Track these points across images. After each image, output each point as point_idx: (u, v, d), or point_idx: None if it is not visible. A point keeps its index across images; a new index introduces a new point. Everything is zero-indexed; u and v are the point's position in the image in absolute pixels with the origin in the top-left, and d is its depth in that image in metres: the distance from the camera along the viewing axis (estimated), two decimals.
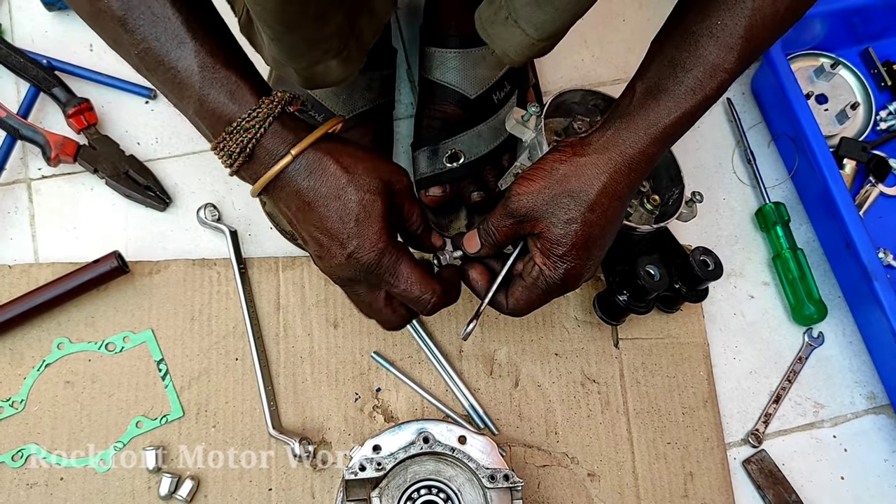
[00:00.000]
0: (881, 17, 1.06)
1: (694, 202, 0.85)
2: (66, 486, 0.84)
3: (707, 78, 0.63)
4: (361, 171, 0.66)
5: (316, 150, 0.65)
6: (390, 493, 0.76)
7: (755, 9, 0.61)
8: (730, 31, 0.62)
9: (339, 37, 0.64)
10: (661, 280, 0.84)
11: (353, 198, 0.65)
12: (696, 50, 0.63)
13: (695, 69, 0.63)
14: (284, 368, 0.90)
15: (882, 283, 0.89)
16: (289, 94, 0.65)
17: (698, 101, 0.64)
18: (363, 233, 0.65)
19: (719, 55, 0.63)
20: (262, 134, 0.64)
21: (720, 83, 0.64)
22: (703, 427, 0.92)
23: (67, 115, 0.95)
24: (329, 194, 0.65)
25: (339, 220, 0.65)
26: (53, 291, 0.87)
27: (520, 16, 0.64)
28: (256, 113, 0.63)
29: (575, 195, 0.66)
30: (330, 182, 0.65)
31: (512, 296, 0.72)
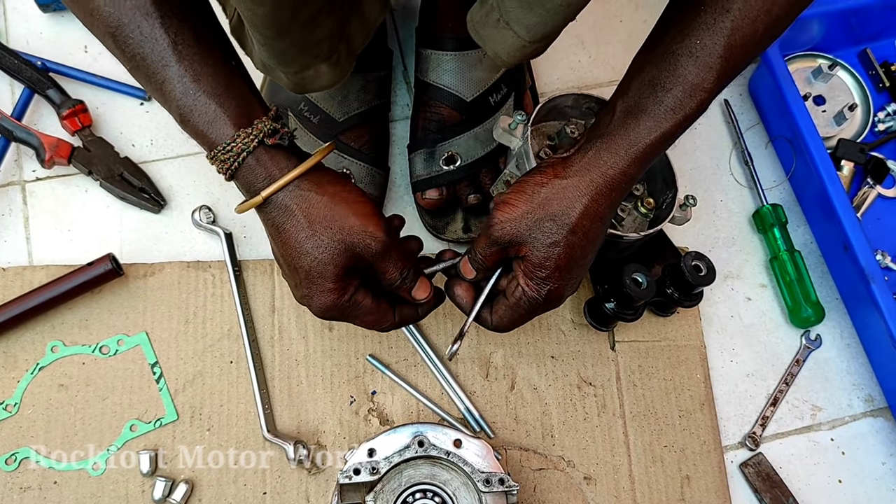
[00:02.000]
0: (879, 17, 1.05)
1: (688, 206, 0.85)
2: (59, 489, 0.84)
3: (687, 97, 0.63)
4: (325, 230, 0.66)
5: (287, 195, 0.66)
6: (385, 497, 0.76)
7: (734, 28, 0.61)
8: (709, 51, 0.62)
9: (329, 41, 0.64)
10: (648, 288, 0.83)
11: (310, 255, 0.67)
12: (675, 69, 0.63)
13: (674, 89, 0.63)
14: (279, 371, 0.89)
15: (880, 286, 0.89)
16: (269, 126, 0.65)
17: (678, 120, 0.64)
18: (313, 287, 0.68)
19: (699, 75, 0.62)
20: (237, 167, 0.65)
21: (700, 102, 0.63)
22: (700, 430, 0.91)
23: (62, 117, 0.94)
24: (290, 241, 0.67)
25: (294, 269, 0.68)
26: (47, 294, 0.87)
27: (511, 18, 0.64)
28: (230, 147, 0.64)
29: (556, 219, 0.66)
30: (292, 233, 0.67)
31: (496, 313, 0.73)
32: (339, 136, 0.91)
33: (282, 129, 0.66)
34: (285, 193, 0.66)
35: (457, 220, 0.95)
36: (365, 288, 0.70)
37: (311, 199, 0.66)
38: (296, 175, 0.65)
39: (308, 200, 0.66)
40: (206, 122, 0.64)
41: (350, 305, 0.69)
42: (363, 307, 0.70)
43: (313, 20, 0.60)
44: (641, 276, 0.84)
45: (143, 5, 0.62)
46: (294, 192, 0.66)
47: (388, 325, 0.74)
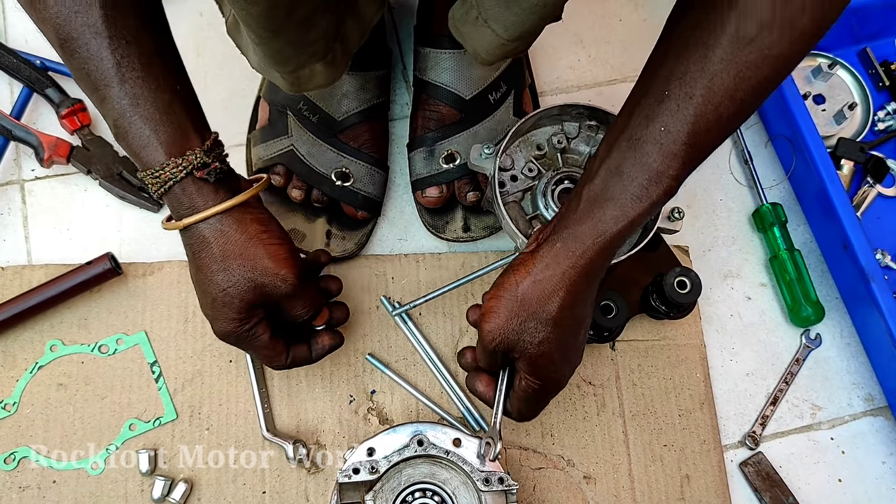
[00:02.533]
0: (879, 17, 1.05)
1: (675, 219, 0.85)
2: (58, 488, 0.84)
3: (652, 185, 0.62)
4: (236, 266, 0.69)
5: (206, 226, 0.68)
6: (384, 497, 0.76)
7: (697, 115, 0.60)
8: (673, 138, 0.61)
9: (324, 40, 0.64)
10: (617, 315, 0.83)
11: (217, 285, 0.69)
12: (640, 157, 0.62)
13: (639, 176, 0.62)
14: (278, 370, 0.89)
15: (880, 285, 0.89)
16: (199, 159, 0.66)
17: (644, 207, 0.63)
18: (217, 313, 0.71)
19: (664, 162, 0.61)
20: (162, 194, 0.66)
21: (666, 189, 0.63)
22: (700, 429, 0.91)
23: (61, 116, 0.94)
24: (202, 269, 0.69)
25: (203, 293, 0.71)
26: (46, 293, 0.87)
27: (489, 16, 0.64)
28: (159, 174, 0.65)
29: (538, 317, 0.66)
30: (205, 261, 0.69)
31: (512, 406, 0.74)
32: (337, 134, 0.91)
33: (212, 164, 0.66)
34: (206, 225, 0.67)
35: (456, 220, 0.94)
36: (266, 322, 0.73)
37: (229, 235, 0.68)
38: (215, 212, 0.67)
39: (226, 236, 0.68)
40: (139, 145, 0.65)
41: (248, 336, 0.72)
42: (260, 340, 0.73)
43: (308, 19, 0.60)
44: (613, 302, 0.84)
45: (93, 24, 0.61)
46: (214, 226, 0.68)
47: (279, 364, 0.76)
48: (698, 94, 0.59)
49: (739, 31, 0.56)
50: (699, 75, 0.58)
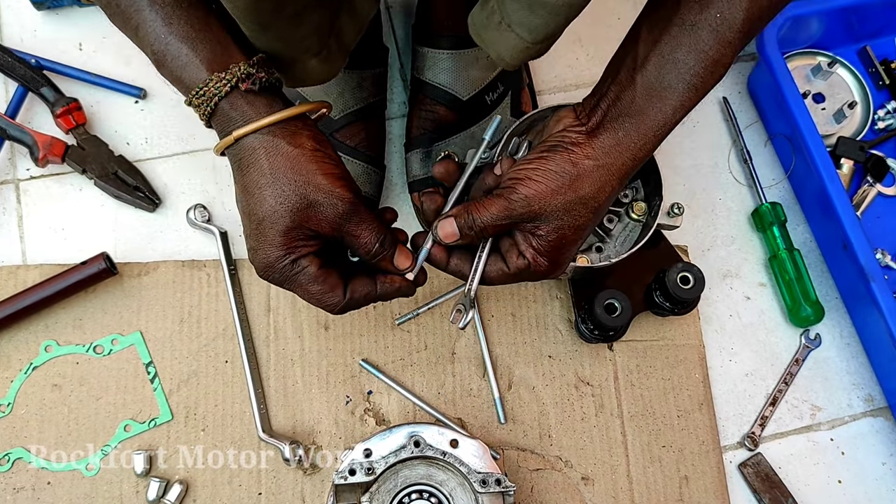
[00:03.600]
0: (879, 15, 1.05)
1: (674, 214, 0.84)
2: (53, 490, 0.83)
3: (708, 74, 0.62)
4: (286, 180, 0.63)
5: (257, 138, 0.63)
6: (381, 498, 0.75)
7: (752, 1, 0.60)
8: (728, 25, 0.61)
9: (317, 36, 0.63)
10: (622, 314, 0.83)
11: (264, 203, 0.63)
12: (696, 44, 0.62)
13: (696, 66, 0.62)
14: (275, 371, 0.89)
15: (880, 284, 0.88)
16: (243, 70, 0.62)
17: (699, 96, 0.64)
18: (261, 238, 0.64)
19: (719, 50, 0.61)
20: (210, 112, 0.62)
21: (718, 78, 0.63)
22: (699, 430, 0.91)
23: (56, 115, 0.94)
24: (249, 187, 0.64)
25: (248, 216, 0.64)
26: (41, 293, 0.86)
27: (513, 20, 0.63)
28: (203, 91, 0.62)
29: (587, 202, 0.65)
30: (253, 177, 0.63)
31: (488, 274, 0.70)
32: (334, 133, 0.90)
33: (257, 74, 0.62)
34: (256, 137, 0.63)
35: None
36: (315, 256, 0.66)
37: (281, 148, 0.63)
38: (270, 122, 0.63)
39: (277, 149, 0.63)
40: (179, 66, 0.62)
41: (294, 269, 0.65)
42: (307, 273, 0.65)
43: (298, 15, 0.59)
44: (617, 300, 0.83)
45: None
46: (265, 138, 0.63)
47: (335, 302, 0.67)
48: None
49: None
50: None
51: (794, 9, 0.97)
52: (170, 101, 0.99)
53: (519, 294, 0.94)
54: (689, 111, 0.64)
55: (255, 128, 0.62)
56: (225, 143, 0.63)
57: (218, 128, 0.64)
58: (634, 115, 0.64)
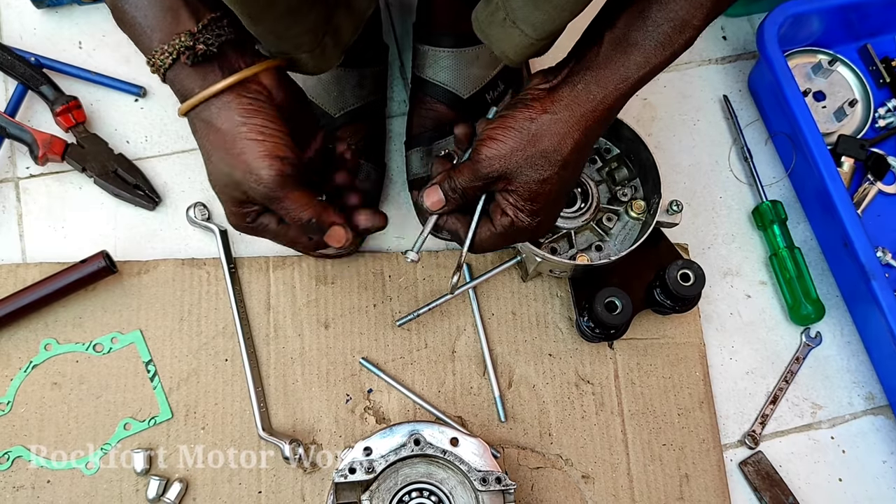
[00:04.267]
0: (879, 13, 1.04)
1: (674, 212, 0.84)
2: (52, 488, 0.83)
3: (676, 33, 0.63)
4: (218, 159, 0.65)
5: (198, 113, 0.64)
6: (381, 496, 0.75)
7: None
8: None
9: (311, 34, 0.63)
10: (622, 312, 0.83)
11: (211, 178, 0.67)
12: (666, 4, 0.62)
13: (665, 24, 0.62)
14: (275, 369, 0.89)
15: (880, 283, 0.88)
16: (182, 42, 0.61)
17: (666, 56, 0.64)
18: (223, 202, 0.68)
19: (689, 11, 0.62)
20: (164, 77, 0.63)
21: (688, 39, 0.63)
22: (699, 428, 0.91)
23: (55, 113, 0.94)
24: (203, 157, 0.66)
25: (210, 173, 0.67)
26: (41, 291, 0.86)
27: (517, 17, 0.63)
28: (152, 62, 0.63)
29: (549, 155, 0.66)
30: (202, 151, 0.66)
31: (479, 236, 0.73)
32: (334, 131, 0.90)
33: (197, 47, 0.61)
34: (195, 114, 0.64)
35: None
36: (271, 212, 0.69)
37: (213, 125, 0.64)
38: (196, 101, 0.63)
39: (210, 126, 0.64)
40: (135, 35, 0.63)
41: (256, 226, 0.70)
42: (270, 229, 0.71)
43: (291, 13, 0.59)
44: (617, 298, 0.83)
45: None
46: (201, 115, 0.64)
47: (305, 245, 0.73)
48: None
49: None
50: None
51: (794, 7, 0.97)
52: (170, 99, 0.99)
53: (519, 292, 0.93)
54: (655, 71, 0.64)
55: (189, 105, 0.64)
56: (185, 108, 0.65)
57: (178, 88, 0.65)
58: (595, 69, 0.65)
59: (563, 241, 0.87)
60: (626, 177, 0.90)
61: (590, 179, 0.87)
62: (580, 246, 0.87)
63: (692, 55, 1.08)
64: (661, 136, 1.04)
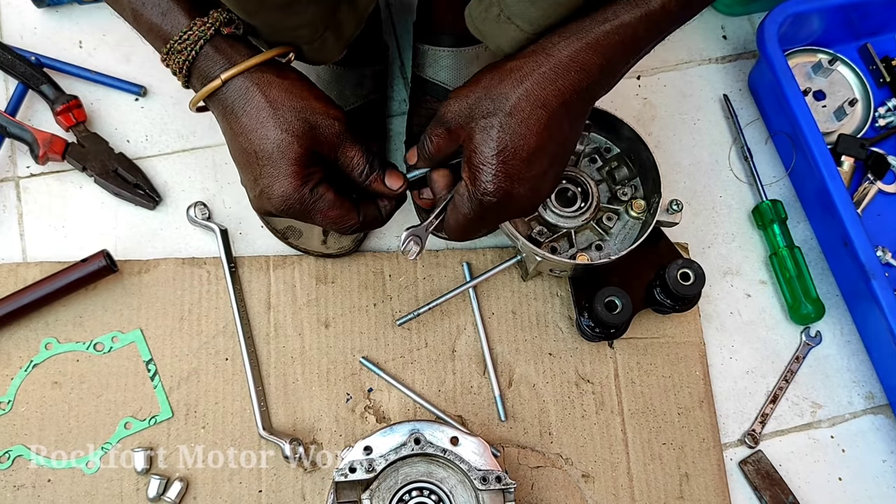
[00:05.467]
0: (879, 12, 1.04)
1: (674, 211, 0.84)
2: (53, 487, 0.83)
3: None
4: (287, 108, 0.65)
5: (247, 78, 0.64)
6: (381, 495, 0.75)
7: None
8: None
9: (310, 28, 0.63)
10: (622, 311, 0.83)
11: (271, 135, 0.65)
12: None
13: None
14: (275, 368, 0.89)
15: (880, 282, 0.88)
16: (224, 15, 0.63)
17: (639, 14, 0.60)
18: (275, 172, 0.65)
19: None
20: (194, 57, 0.63)
21: (664, 1, 0.60)
22: (699, 427, 0.91)
23: (56, 113, 0.94)
24: (249, 126, 0.65)
25: (254, 154, 0.65)
26: (41, 291, 0.86)
27: (512, 12, 0.63)
28: (187, 35, 0.62)
29: (495, 98, 0.64)
30: (252, 114, 0.65)
31: (446, 220, 0.71)
32: None
33: (237, 21, 0.64)
34: (246, 76, 0.64)
35: None
36: (327, 183, 0.68)
37: (273, 82, 0.65)
38: (259, 60, 0.64)
39: (270, 83, 0.65)
40: (159, 13, 0.63)
41: (313, 196, 0.67)
42: (326, 200, 0.68)
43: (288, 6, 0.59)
44: (617, 297, 0.83)
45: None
46: (254, 75, 0.64)
47: (351, 224, 0.71)
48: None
49: None
50: None
51: (794, 6, 0.97)
52: (170, 98, 0.99)
53: (520, 292, 0.94)
54: (631, 32, 0.61)
55: (247, 66, 0.64)
56: (213, 86, 0.64)
57: (199, 76, 0.65)
58: (565, 28, 0.63)
59: (564, 241, 0.87)
60: (626, 176, 0.90)
61: (590, 178, 0.87)
62: (580, 245, 0.87)
63: (692, 54, 1.08)
64: (661, 135, 1.04)
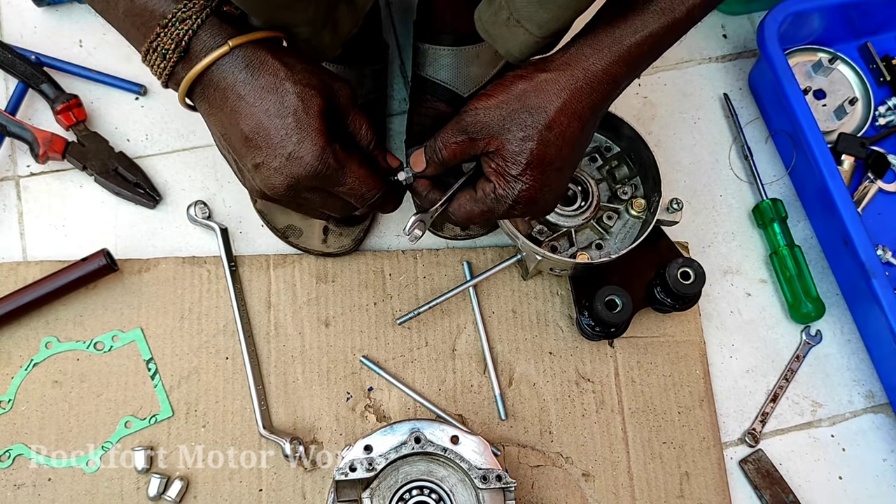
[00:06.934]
0: (880, 11, 1.04)
1: (674, 210, 0.84)
2: (53, 486, 0.83)
3: (678, 1, 0.62)
4: (301, 68, 0.63)
5: (255, 45, 0.62)
6: (381, 494, 0.75)
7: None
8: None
9: (309, 26, 0.63)
10: (622, 310, 0.83)
11: (291, 90, 0.62)
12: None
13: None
14: (275, 367, 0.89)
15: (880, 281, 0.88)
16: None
17: (666, 23, 0.62)
18: (303, 128, 0.62)
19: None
20: (200, 25, 0.60)
21: (691, 7, 0.62)
22: (699, 426, 0.91)
23: (56, 112, 0.94)
24: (266, 86, 0.62)
25: (277, 115, 0.62)
26: (41, 290, 0.86)
27: (522, 16, 0.63)
28: (193, 3, 0.60)
29: (533, 112, 0.64)
30: (267, 75, 0.62)
31: (457, 201, 0.70)
32: None
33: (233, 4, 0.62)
34: (251, 45, 0.62)
35: None
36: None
37: (281, 49, 0.64)
38: (266, 34, 0.62)
39: (279, 50, 0.63)
40: (142, 10, 0.60)
41: (340, 161, 0.64)
42: (352, 164, 0.65)
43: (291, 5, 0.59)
44: (618, 296, 0.83)
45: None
46: (262, 45, 0.62)
47: (376, 190, 0.67)
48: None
49: None
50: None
51: (795, 5, 0.97)
52: (170, 97, 0.98)
53: (520, 291, 0.94)
54: (657, 40, 0.63)
55: (256, 36, 0.62)
56: (221, 52, 0.61)
57: (196, 53, 0.62)
58: (592, 34, 0.64)
59: (564, 240, 0.87)
60: (626, 175, 0.90)
61: (590, 177, 0.87)
62: (580, 244, 0.87)
63: (692, 53, 1.08)
64: (661, 134, 1.04)
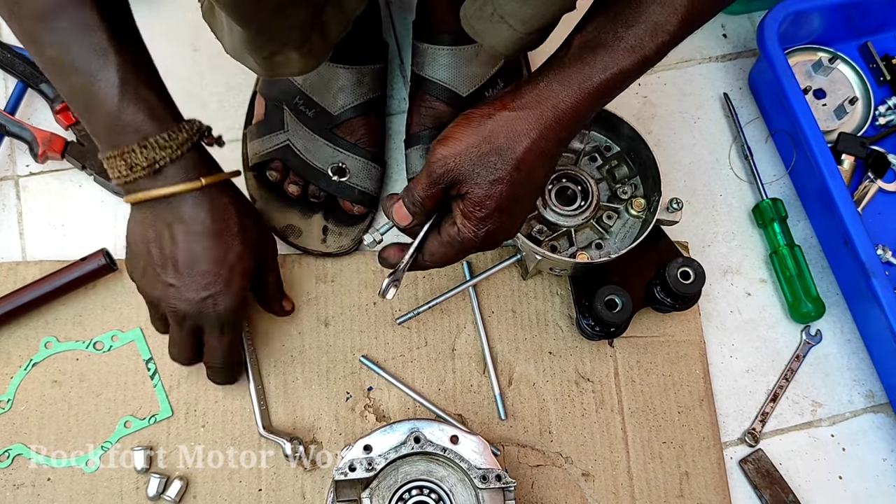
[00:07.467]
0: (880, 10, 1.04)
1: (674, 209, 0.84)
2: (53, 486, 0.83)
3: (648, 37, 0.61)
4: (251, 225, 0.73)
5: (220, 187, 0.70)
6: (381, 494, 0.75)
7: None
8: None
9: (300, 30, 0.63)
10: (622, 310, 0.83)
11: (237, 246, 0.71)
12: (639, 6, 0.61)
13: (636, 26, 0.61)
14: (275, 367, 0.89)
15: (881, 280, 0.88)
16: (206, 126, 0.69)
17: (637, 60, 0.61)
18: (231, 282, 0.72)
19: (663, 14, 0.60)
20: (179, 156, 0.66)
21: (660, 45, 0.61)
22: (699, 426, 0.91)
23: (55, 111, 0.94)
24: (216, 232, 0.69)
25: (214, 261, 0.71)
26: (41, 290, 0.86)
27: (505, 11, 0.62)
28: (176, 136, 0.66)
29: (502, 152, 0.63)
30: (220, 222, 0.69)
31: (427, 249, 0.70)
32: (334, 129, 0.90)
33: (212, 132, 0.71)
34: (216, 188, 0.69)
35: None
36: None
37: (238, 194, 0.74)
38: (234, 174, 0.73)
39: (238, 196, 0.73)
40: (148, 110, 0.65)
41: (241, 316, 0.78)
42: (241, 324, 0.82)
43: (280, 9, 0.59)
44: (618, 296, 0.83)
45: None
46: (229, 188, 0.71)
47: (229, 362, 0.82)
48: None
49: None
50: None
51: (795, 4, 0.97)
52: None
53: (519, 290, 0.93)
54: (626, 76, 0.62)
55: (226, 176, 0.72)
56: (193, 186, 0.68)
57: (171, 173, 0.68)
58: (560, 68, 0.63)
59: (563, 239, 0.87)
60: (626, 174, 0.90)
61: (590, 177, 0.87)
62: (580, 244, 0.87)
63: (692, 53, 1.08)
64: (661, 133, 1.04)
